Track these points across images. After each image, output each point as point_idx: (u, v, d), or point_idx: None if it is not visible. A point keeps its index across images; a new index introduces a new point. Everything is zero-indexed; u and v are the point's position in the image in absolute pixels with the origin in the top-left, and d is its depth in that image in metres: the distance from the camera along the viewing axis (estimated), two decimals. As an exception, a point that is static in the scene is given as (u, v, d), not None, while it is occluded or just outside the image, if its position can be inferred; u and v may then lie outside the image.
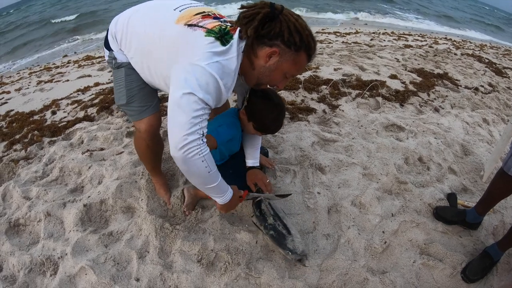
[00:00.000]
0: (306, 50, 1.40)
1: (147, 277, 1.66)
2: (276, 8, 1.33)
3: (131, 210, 2.06)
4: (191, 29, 1.36)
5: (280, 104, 1.79)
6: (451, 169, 2.66)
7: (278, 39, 1.34)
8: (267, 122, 1.78)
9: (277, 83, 1.52)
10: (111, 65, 1.67)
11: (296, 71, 1.48)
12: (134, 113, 1.71)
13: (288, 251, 1.72)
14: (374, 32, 11.51)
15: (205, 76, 1.29)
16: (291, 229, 1.80)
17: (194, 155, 1.33)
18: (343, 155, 2.61)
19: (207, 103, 1.31)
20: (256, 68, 1.44)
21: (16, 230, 1.99)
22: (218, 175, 1.50)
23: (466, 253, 1.94)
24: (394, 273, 1.78)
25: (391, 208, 2.17)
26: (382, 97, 3.76)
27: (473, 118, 3.68)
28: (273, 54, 1.37)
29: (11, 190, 2.27)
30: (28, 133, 3.22)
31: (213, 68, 1.29)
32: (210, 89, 1.30)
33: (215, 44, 1.32)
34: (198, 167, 1.37)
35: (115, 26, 1.58)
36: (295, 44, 1.34)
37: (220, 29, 1.36)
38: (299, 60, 1.42)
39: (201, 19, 1.40)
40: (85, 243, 1.83)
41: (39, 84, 5.80)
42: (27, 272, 1.71)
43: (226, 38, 1.35)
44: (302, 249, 1.72)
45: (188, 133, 1.30)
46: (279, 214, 1.86)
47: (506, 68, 6.68)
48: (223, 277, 1.70)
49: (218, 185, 1.51)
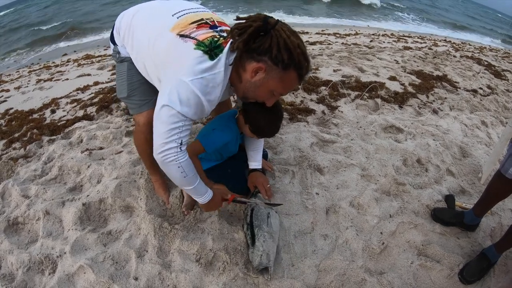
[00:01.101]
0: (296, 69, 1.35)
1: (146, 276, 1.66)
2: (269, 23, 1.30)
3: (130, 210, 2.06)
4: (182, 40, 1.38)
5: (277, 108, 1.76)
6: (449, 171, 2.67)
7: (266, 55, 1.31)
8: (262, 126, 1.77)
9: (264, 99, 1.51)
10: (115, 58, 1.73)
11: (284, 90, 1.45)
12: (134, 106, 1.78)
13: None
14: (373, 33, 11.54)
15: (187, 91, 1.32)
16: (258, 239, 1.74)
17: (171, 161, 1.42)
18: (341, 156, 2.62)
19: (186, 116, 1.36)
20: (243, 82, 1.43)
21: (15, 229, 1.98)
22: (196, 179, 1.57)
23: (463, 255, 1.95)
24: (391, 274, 1.79)
25: (389, 209, 2.18)
26: (381, 98, 3.77)
27: (471, 120, 3.69)
28: (259, 70, 1.35)
29: (10, 189, 2.26)
30: (28, 131, 3.21)
31: (196, 84, 1.32)
32: (191, 103, 1.34)
33: (202, 58, 1.34)
34: (174, 172, 1.48)
35: (119, 22, 1.63)
36: (282, 61, 1.30)
37: (212, 41, 1.37)
38: (287, 79, 1.38)
39: (195, 29, 1.42)
40: (84, 242, 1.83)
41: (39, 82, 5.79)
42: (25, 270, 1.71)
43: (215, 52, 1.35)
44: (258, 263, 1.66)
45: (165, 142, 1.39)
46: (254, 223, 1.82)
47: (505, 71, 6.70)
48: (221, 276, 1.70)
49: (195, 188, 1.59)
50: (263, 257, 1.66)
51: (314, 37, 9.10)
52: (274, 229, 1.82)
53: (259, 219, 1.83)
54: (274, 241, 1.78)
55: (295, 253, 1.85)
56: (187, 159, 1.47)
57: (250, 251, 1.73)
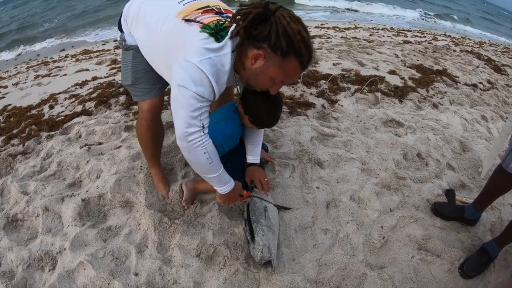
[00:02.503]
0: (296, 57, 1.32)
1: (146, 272, 1.66)
2: (269, 9, 1.29)
3: (129, 205, 2.05)
4: (187, 24, 1.38)
5: (276, 98, 1.75)
6: (450, 165, 2.67)
7: (265, 42, 1.29)
8: (262, 116, 1.76)
9: (265, 87, 1.49)
10: (121, 46, 1.73)
11: (285, 78, 1.42)
12: (138, 93, 1.78)
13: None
14: (373, 27, 11.50)
15: (196, 72, 1.31)
16: (257, 235, 1.74)
17: (197, 146, 1.41)
18: (342, 150, 2.61)
19: (203, 96, 1.34)
20: (245, 69, 1.42)
21: (14, 225, 1.98)
22: (220, 167, 1.57)
23: (463, 249, 1.96)
24: (392, 268, 1.79)
25: (390, 203, 2.18)
26: (381, 92, 3.76)
27: (471, 115, 3.69)
28: (258, 57, 1.34)
29: (9, 185, 2.25)
30: (26, 127, 3.19)
31: (204, 65, 1.30)
32: (204, 83, 1.33)
33: (208, 40, 1.33)
34: (200, 158, 1.46)
35: (127, 10, 1.64)
36: (281, 49, 1.29)
37: (217, 24, 1.36)
38: (287, 67, 1.35)
39: (200, 14, 1.41)
40: (84, 238, 1.83)
41: (37, 78, 5.77)
42: (25, 267, 1.71)
43: (221, 34, 1.34)
44: (261, 257, 1.66)
45: (188, 126, 1.37)
46: (252, 218, 1.82)
47: (505, 66, 6.70)
48: (222, 271, 1.70)
49: (219, 176, 1.60)
50: (264, 251, 1.66)
51: (313, 31, 9.06)
52: (273, 222, 1.82)
53: (256, 214, 1.83)
54: (274, 233, 1.78)
55: (296, 247, 1.85)
56: (211, 144, 1.46)
57: (251, 247, 1.73)
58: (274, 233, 1.78)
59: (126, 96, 3.50)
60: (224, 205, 2.04)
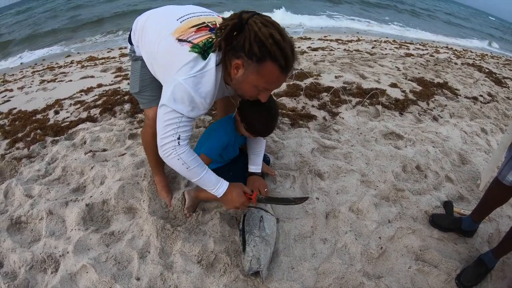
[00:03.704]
0: (272, 60, 1.32)
1: (148, 277, 1.68)
2: (243, 18, 1.33)
3: (132, 211, 2.08)
4: (180, 44, 1.47)
5: (271, 107, 1.77)
6: (448, 178, 2.70)
7: (242, 51, 1.33)
8: (257, 125, 1.80)
9: (253, 95, 1.52)
10: (131, 57, 1.86)
11: (266, 84, 1.42)
12: (145, 101, 1.88)
13: None
14: (375, 40, 11.58)
15: (180, 90, 1.42)
16: (248, 245, 1.75)
17: (170, 154, 1.53)
18: (342, 162, 2.65)
19: (181, 112, 1.46)
20: (232, 80, 1.49)
21: (18, 228, 2.01)
22: (202, 171, 1.63)
23: (461, 260, 1.97)
24: (389, 278, 1.81)
25: (388, 214, 2.20)
26: (382, 105, 3.80)
27: (471, 128, 3.72)
28: (238, 67, 1.39)
29: (14, 188, 2.28)
30: (31, 132, 3.24)
31: (188, 82, 1.41)
32: (184, 101, 1.44)
33: (196, 59, 1.43)
34: (176, 165, 1.57)
35: (136, 25, 1.76)
36: (255, 55, 1.31)
37: (206, 42, 1.45)
38: (265, 72, 1.36)
39: (193, 33, 1.50)
40: (87, 242, 1.85)
41: (42, 83, 5.84)
42: (28, 269, 1.73)
43: (208, 52, 1.43)
44: (249, 268, 1.68)
45: (162, 137, 1.52)
46: (246, 228, 1.84)
47: (506, 78, 6.74)
48: (222, 278, 1.72)
49: (203, 178, 1.65)
50: (252, 262, 1.68)
51: (316, 43, 9.14)
52: (268, 232, 1.84)
53: (251, 225, 1.85)
54: (268, 244, 1.79)
55: (295, 256, 1.87)
56: (187, 151, 1.54)
57: (242, 257, 1.76)
58: (268, 244, 1.79)
59: (131, 104, 3.56)
60: (235, 211, 2.08)
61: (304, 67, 5.24)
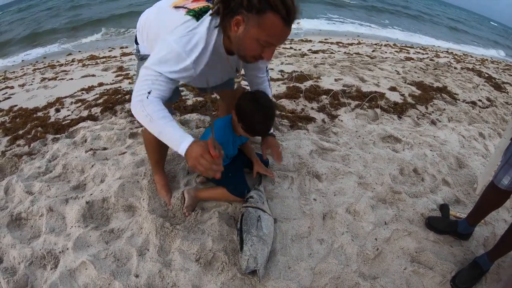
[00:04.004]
0: (273, 11, 1.30)
1: (146, 274, 1.70)
2: None
3: (132, 209, 2.10)
4: (175, 10, 1.55)
5: (267, 107, 1.81)
6: (445, 181, 2.73)
7: (241, 7, 1.33)
8: (254, 125, 1.81)
9: (255, 53, 1.46)
10: (137, 57, 1.89)
11: (269, 37, 1.38)
12: None
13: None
14: (376, 43, 11.63)
15: (167, 49, 1.42)
16: (245, 245, 1.78)
17: (136, 104, 1.42)
18: (340, 164, 2.67)
19: (160, 72, 1.41)
20: (232, 40, 1.47)
21: (18, 224, 2.02)
22: (165, 123, 1.44)
23: (456, 263, 1.99)
24: (385, 279, 1.83)
25: (385, 216, 2.23)
26: (380, 108, 3.83)
27: (469, 132, 3.75)
28: (239, 23, 1.38)
29: (14, 184, 2.30)
30: (32, 129, 3.25)
31: (178, 42, 1.41)
32: (169, 60, 1.41)
33: (189, 21, 1.47)
34: (140, 117, 1.45)
35: (139, 22, 1.80)
36: (255, 6, 1.30)
37: (201, 8, 1.50)
38: (266, 23, 1.33)
39: (191, 2, 1.56)
40: (87, 239, 1.87)
41: (43, 81, 5.87)
42: (27, 264, 1.74)
43: (202, 16, 1.47)
44: (246, 267, 1.70)
45: (135, 95, 1.43)
46: (243, 228, 1.86)
47: (505, 83, 6.79)
48: (219, 276, 1.74)
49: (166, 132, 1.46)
50: (249, 261, 1.70)
51: (317, 45, 9.19)
52: (265, 231, 1.86)
53: (248, 224, 1.87)
54: (265, 243, 1.81)
55: (292, 256, 1.89)
56: (154, 103, 1.42)
57: (239, 256, 1.78)
58: (265, 243, 1.82)
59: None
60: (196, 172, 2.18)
61: (304, 69, 5.27)
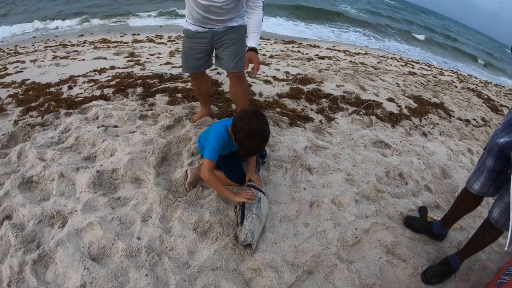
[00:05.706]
0: None
1: (148, 237, 1.87)
2: None
3: (139, 181, 2.27)
4: None
5: (263, 131, 1.94)
6: (428, 187, 2.90)
7: None
8: (247, 147, 1.96)
9: None
10: None
11: None
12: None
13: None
14: (382, 55, 11.72)
15: None
16: (246, 219, 1.96)
17: None
18: (331, 161, 2.86)
19: None
20: None
21: (29, 186, 2.16)
22: None
23: (428, 259, 2.14)
24: (360, 264, 2.00)
25: (366, 211, 2.40)
26: (376, 116, 4.02)
27: (458, 147, 3.92)
28: None
29: (27, 151, 2.44)
30: (45, 102, 3.40)
31: None
32: None
33: None
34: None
35: None
36: None
37: None
38: None
39: None
40: (95, 204, 2.03)
41: (55, 59, 5.99)
42: (36, 222, 1.88)
43: None
44: (244, 239, 1.90)
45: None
46: (246, 205, 2.04)
47: (503, 106, 6.91)
48: (213, 244, 1.92)
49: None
50: (248, 235, 1.90)
51: (324, 51, 9.30)
52: (262, 212, 2.06)
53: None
54: (261, 222, 2.02)
55: (279, 234, 2.08)
56: None
57: (238, 228, 1.97)
58: (261, 222, 2.02)
59: (143, 88, 3.75)
60: None
61: (309, 73, 5.44)
